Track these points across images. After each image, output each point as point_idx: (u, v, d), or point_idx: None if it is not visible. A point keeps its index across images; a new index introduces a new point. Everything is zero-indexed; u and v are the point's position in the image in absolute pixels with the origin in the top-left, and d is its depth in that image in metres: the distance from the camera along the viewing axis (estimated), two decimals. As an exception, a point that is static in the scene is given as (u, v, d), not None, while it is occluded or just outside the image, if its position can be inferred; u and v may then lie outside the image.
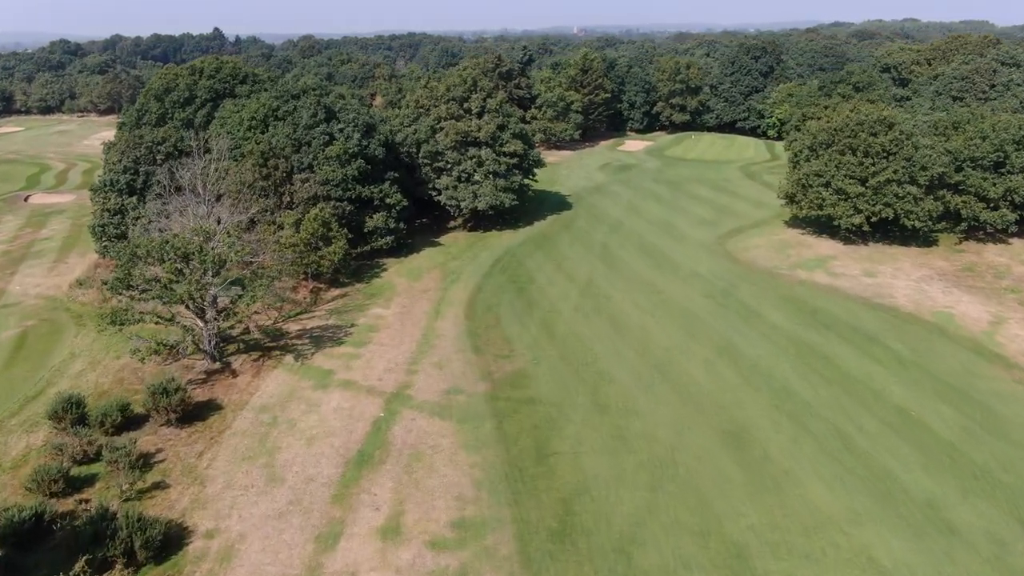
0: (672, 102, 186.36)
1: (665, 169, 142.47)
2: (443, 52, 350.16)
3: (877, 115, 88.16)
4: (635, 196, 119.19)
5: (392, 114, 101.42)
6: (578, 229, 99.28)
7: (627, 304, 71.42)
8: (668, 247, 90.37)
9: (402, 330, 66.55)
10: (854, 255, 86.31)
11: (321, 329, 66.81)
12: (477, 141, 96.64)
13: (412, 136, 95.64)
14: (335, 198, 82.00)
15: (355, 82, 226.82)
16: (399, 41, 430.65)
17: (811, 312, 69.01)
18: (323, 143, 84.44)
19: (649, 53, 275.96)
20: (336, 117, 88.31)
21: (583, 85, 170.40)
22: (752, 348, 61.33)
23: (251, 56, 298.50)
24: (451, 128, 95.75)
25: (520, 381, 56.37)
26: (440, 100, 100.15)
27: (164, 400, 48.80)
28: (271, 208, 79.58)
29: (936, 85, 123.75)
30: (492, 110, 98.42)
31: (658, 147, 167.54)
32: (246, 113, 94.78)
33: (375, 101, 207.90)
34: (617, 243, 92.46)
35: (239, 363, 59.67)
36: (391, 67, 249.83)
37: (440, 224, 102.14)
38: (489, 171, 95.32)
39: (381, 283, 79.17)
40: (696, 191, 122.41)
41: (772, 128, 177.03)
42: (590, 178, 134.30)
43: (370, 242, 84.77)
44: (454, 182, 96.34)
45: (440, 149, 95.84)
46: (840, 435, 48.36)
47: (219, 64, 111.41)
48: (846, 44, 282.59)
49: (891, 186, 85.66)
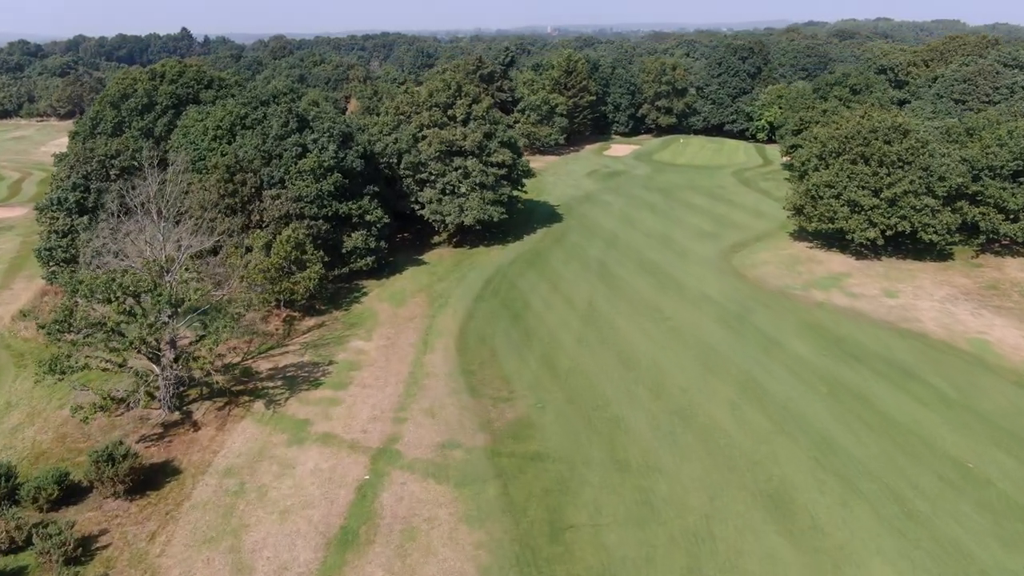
0: (658, 104, 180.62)
1: (655, 175, 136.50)
2: (418, 52, 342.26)
3: (891, 121, 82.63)
4: (628, 205, 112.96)
5: (370, 122, 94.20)
6: (571, 244, 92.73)
7: (634, 333, 64.97)
8: (670, 264, 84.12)
9: (387, 367, 59.50)
10: (869, 272, 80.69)
11: (296, 367, 59.54)
12: (463, 151, 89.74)
13: (393, 146, 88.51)
14: (309, 216, 74.67)
15: (329, 84, 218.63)
16: (372, 41, 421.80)
17: (836, 341, 63.05)
18: (295, 155, 77.06)
19: (629, 53, 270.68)
20: (310, 126, 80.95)
21: (567, 87, 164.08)
22: (779, 386, 55.13)
23: (220, 57, 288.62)
24: (435, 137, 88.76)
25: (524, 431, 49.63)
26: (422, 107, 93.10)
27: (109, 470, 41.40)
28: (238, 228, 72.11)
29: (937, 87, 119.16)
30: (478, 117, 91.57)
31: (646, 151, 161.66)
32: (211, 121, 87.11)
33: (350, 104, 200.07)
34: (615, 260, 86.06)
35: (201, 412, 52.28)
36: (366, 68, 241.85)
37: (423, 239, 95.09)
38: (476, 183, 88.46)
39: (362, 310, 72.00)
40: (691, 199, 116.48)
41: (761, 131, 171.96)
42: (578, 186, 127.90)
43: (349, 263, 77.54)
44: (438, 195, 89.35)
45: (423, 160, 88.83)
46: (895, 497, 42.23)
47: (182, 68, 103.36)
48: (828, 44, 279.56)
49: (908, 198, 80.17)
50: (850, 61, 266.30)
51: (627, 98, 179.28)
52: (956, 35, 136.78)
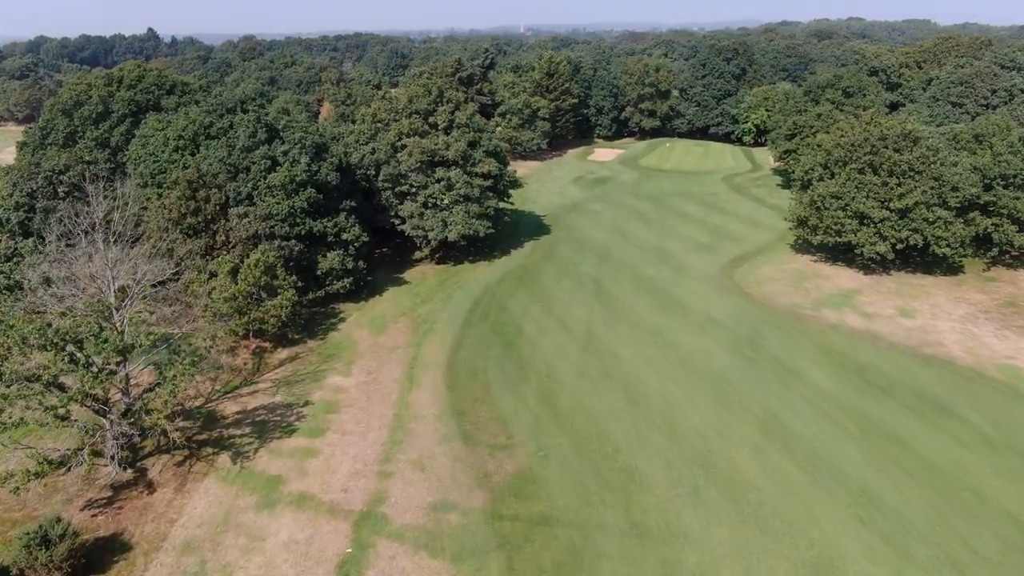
0: (641, 107, 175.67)
1: (643, 182, 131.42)
2: (392, 53, 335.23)
3: (900, 128, 78.09)
4: (617, 215, 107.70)
5: (345, 130, 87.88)
6: (562, 259, 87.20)
7: (639, 364, 59.53)
8: (669, 281, 78.89)
9: (369, 408, 53.47)
10: (880, 288, 76.09)
11: (267, 410, 53.30)
12: (445, 161, 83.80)
13: (370, 156, 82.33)
14: (280, 236, 68.35)
15: (300, 87, 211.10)
16: (345, 42, 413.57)
17: (858, 369, 58.11)
18: (264, 169, 70.68)
19: (607, 54, 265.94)
20: (280, 136, 74.59)
21: (549, 90, 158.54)
22: (804, 425, 49.99)
23: (187, 59, 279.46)
24: (415, 146, 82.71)
25: (527, 487, 43.94)
26: (401, 114, 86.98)
27: (43, 555, 35.05)
28: (201, 251, 65.60)
29: (932, 90, 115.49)
30: (461, 124, 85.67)
31: (631, 156, 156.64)
32: (172, 131, 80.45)
33: (323, 108, 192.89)
34: (610, 277, 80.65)
35: (158, 469, 45.93)
36: (338, 69, 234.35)
37: (404, 255, 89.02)
38: (460, 195, 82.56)
39: (339, 338, 65.83)
40: (683, 208, 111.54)
41: (748, 134, 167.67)
42: (564, 193, 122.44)
43: (324, 286, 71.32)
44: (420, 208, 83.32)
45: (403, 171, 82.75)
46: (954, 565, 37.20)
47: (141, 72, 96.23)
48: (807, 44, 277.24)
49: (919, 209, 75.73)
50: (830, 61, 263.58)
51: (610, 101, 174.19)
52: (949, 36, 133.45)
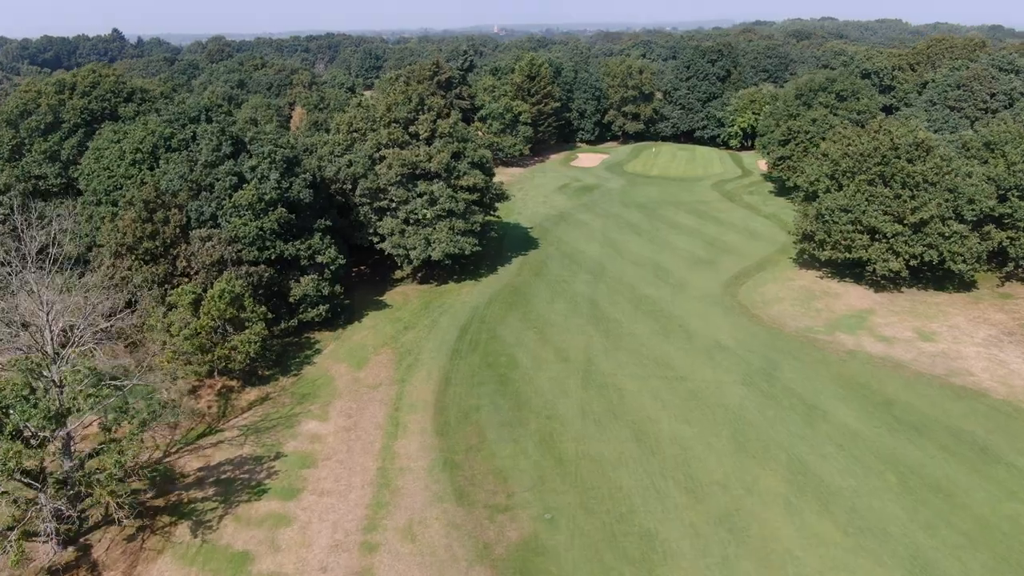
0: (624, 110, 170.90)
1: (631, 189, 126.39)
2: (366, 54, 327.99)
3: (913, 137, 73.60)
4: (608, 226, 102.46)
5: (319, 140, 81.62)
6: (553, 276, 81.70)
7: (646, 399, 54.18)
8: (670, 301, 73.71)
9: (349, 461, 47.53)
10: (894, 307, 71.53)
11: (233, 465, 47.16)
12: (428, 174, 77.94)
13: (346, 170, 76.20)
14: (248, 261, 62.08)
15: (271, 90, 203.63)
16: (317, 42, 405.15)
17: (885, 404, 53.24)
18: (230, 186, 64.33)
19: (584, 54, 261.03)
20: (247, 150, 68.24)
21: (530, 93, 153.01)
22: (838, 475, 44.91)
23: (152, 61, 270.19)
24: (395, 158, 76.70)
25: (534, 561, 38.31)
26: (379, 123, 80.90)
27: None
28: (160, 279, 59.19)
29: (929, 93, 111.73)
30: (444, 134, 79.80)
31: (615, 161, 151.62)
32: (129, 143, 73.77)
33: (295, 113, 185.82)
34: (606, 297, 75.31)
35: (105, 546, 39.65)
36: (311, 72, 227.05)
37: (384, 274, 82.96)
38: (444, 210, 76.75)
39: (315, 374, 59.71)
40: (675, 218, 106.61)
41: (734, 138, 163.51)
42: (550, 203, 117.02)
43: (298, 314, 65.17)
44: (401, 225, 77.34)
45: (382, 185, 76.71)
46: (1034, 654, 32.23)
47: (96, 78, 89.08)
48: (786, 44, 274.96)
49: (934, 223, 71.31)
50: (811, 62, 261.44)
51: (592, 104, 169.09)
52: (942, 36, 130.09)
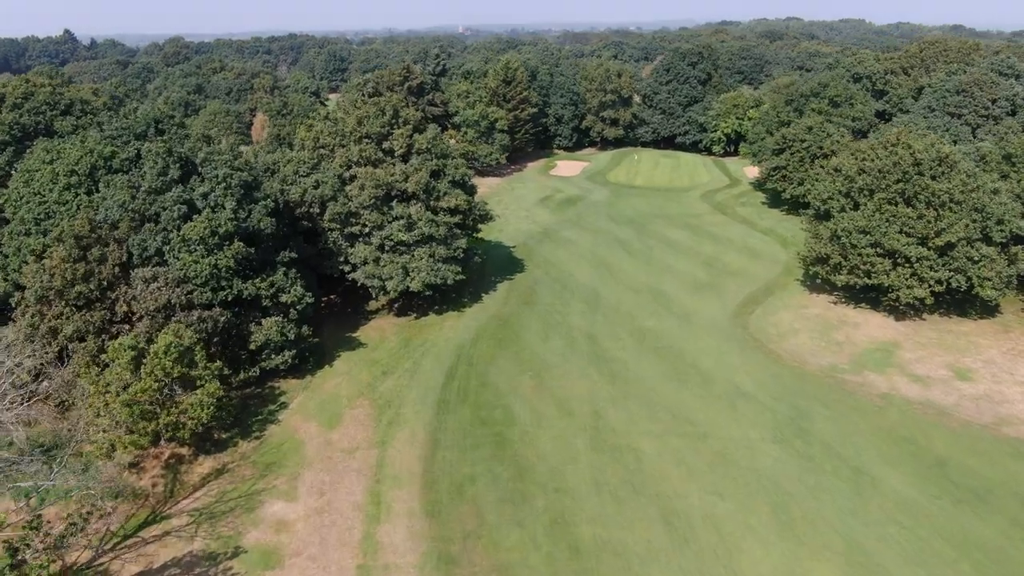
0: (603, 115, 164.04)
1: (616, 201, 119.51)
2: (330, 56, 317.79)
3: (936, 152, 67.53)
4: (597, 244, 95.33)
5: (282, 158, 73.15)
6: (545, 306, 74.25)
7: (669, 466, 46.94)
8: (676, 335, 66.73)
9: (323, 557, 39.55)
10: (919, 338, 65.36)
11: (181, 568, 38.89)
12: (404, 195, 70.00)
13: (313, 191, 67.93)
14: (201, 305, 53.65)
15: (231, 95, 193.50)
16: (279, 43, 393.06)
17: (938, 465, 46.69)
18: (179, 216, 55.79)
19: (555, 55, 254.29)
20: (199, 173, 59.75)
21: (506, 99, 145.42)
22: (907, 567, 38.06)
23: (105, 64, 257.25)
24: (367, 178, 68.60)
25: None
26: (350, 138, 72.65)
27: None
28: (95, 328, 50.57)
29: (927, 99, 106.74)
30: (422, 150, 71.87)
31: (596, 169, 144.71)
32: (63, 164, 64.89)
33: (256, 119, 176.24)
34: (606, 330, 68.07)
35: None
36: (272, 75, 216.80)
37: (357, 304, 74.87)
38: (424, 235, 68.88)
39: (280, 436, 51.50)
40: (668, 234, 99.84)
41: (718, 144, 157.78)
42: (532, 217, 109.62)
43: (260, 362, 56.85)
44: (375, 252, 69.28)
45: (354, 208, 68.59)
46: None
47: (29, 88, 79.51)
48: (759, 46, 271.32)
49: (962, 246, 65.34)
50: (786, 64, 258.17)
51: (570, 109, 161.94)
52: (935, 39, 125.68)
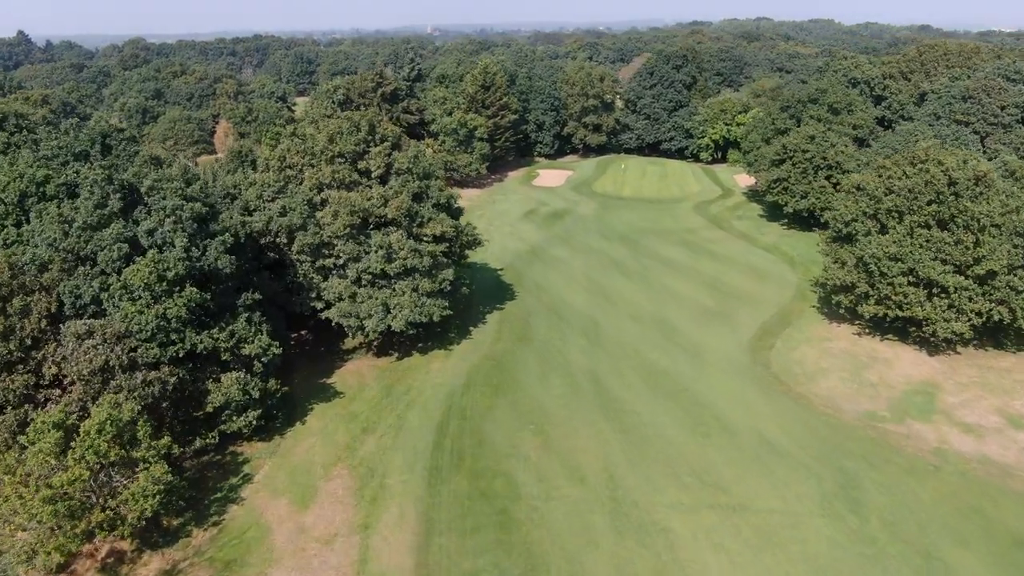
0: (585, 121, 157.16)
1: (605, 214, 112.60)
2: (297, 59, 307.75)
3: (973, 170, 61.32)
4: (590, 265, 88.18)
5: (243, 180, 64.88)
6: (541, 341, 66.86)
7: (706, 551, 39.72)
8: (691, 376, 59.70)
9: None
10: (958, 377, 59.04)
11: None
12: (383, 221, 62.16)
13: (279, 220, 59.82)
14: (146, 364, 45.38)
15: (192, 101, 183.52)
16: (244, 45, 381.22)
17: (1017, 544, 40.11)
18: (120, 257, 47.47)
19: (529, 57, 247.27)
20: (144, 202, 51.42)
21: (485, 105, 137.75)
22: None
23: (59, 67, 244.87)
24: (341, 203, 60.62)
25: None
26: (320, 157, 64.53)
27: None
28: (16, 398, 42.12)
29: (932, 106, 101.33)
30: (402, 170, 64.06)
31: (582, 179, 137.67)
32: (-13, 192, 56.00)
33: (219, 128, 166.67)
34: (610, 370, 60.85)
35: None
36: (236, 79, 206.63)
37: (331, 342, 66.87)
38: (406, 267, 61.09)
39: (243, 521, 43.42)
40: (664, 252, 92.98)
41: (705, 150, 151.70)
42: (518, 234, 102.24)
43: (219, 425, 48.73)
44: (351, 287, 61.35)
45: (326, 238, 60.59)
46: None
47: (-46, 101, 70.16)
48: (737, 47, 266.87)
49: (1003, 274, 59.22)
50: (764, 65, 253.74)
51: (551, 115, 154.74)
52: (934, 42, 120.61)
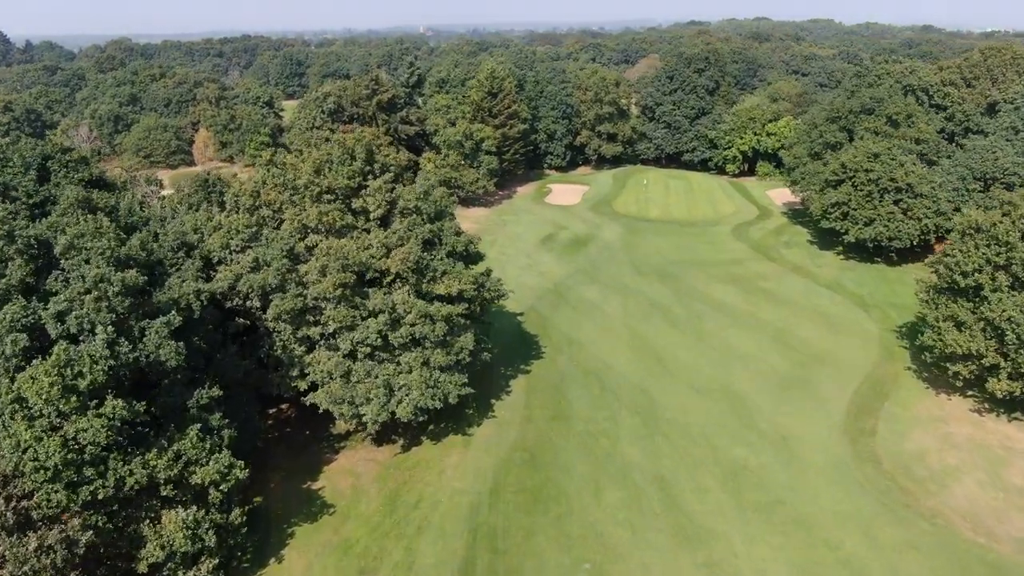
0: (599, 130, 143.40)
1: (634, 241, 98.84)
2: (286, 60, 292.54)
3: None
4: (628, 311, 74.38)
5: (204, 223, 50.80)
6: (583, 424, 53.01)
7: None
8: (784, 481, 45.97)
9: None
10: None
11: None
12: (383, 276, 48.22)
13: (250, 277, 45.85)
14: (45, 520, 31.27)
15: (169, 107, 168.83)
16: (232, 45, 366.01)
17: None
18: (16, 353, 33.37)
19: (529, 59, 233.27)
20: (60, 267, 37.36)
21: (493, 114, 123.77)
22: None
23: (29, 71, 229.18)
24: (332, 255, 46.50)
25: None
26: (304, 193, 50.40)
27: None
28: None
29: (1009, 118, 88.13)
30: (409, 210, 50.13)
31: (599, 196, 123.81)
32: None
33: (198, 137, 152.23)
34: (681, 472, 47.09)
35: None
36: (219, 83, 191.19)
37: (317, 426, 52.82)
38: (415, 336, 47.20)
39: None
40: (713, 293, 79.18)
41: (732, 162, 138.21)
42: (536, 266, 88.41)
43: (157, 587, 34.76)
44: (344, 362, 47.37)
45: (311, 301, 46.59)
46: None
47: None
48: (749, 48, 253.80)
49: None
50: (780, 67, 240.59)
51: (563, 124, 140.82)
52: (1000, 44, 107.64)
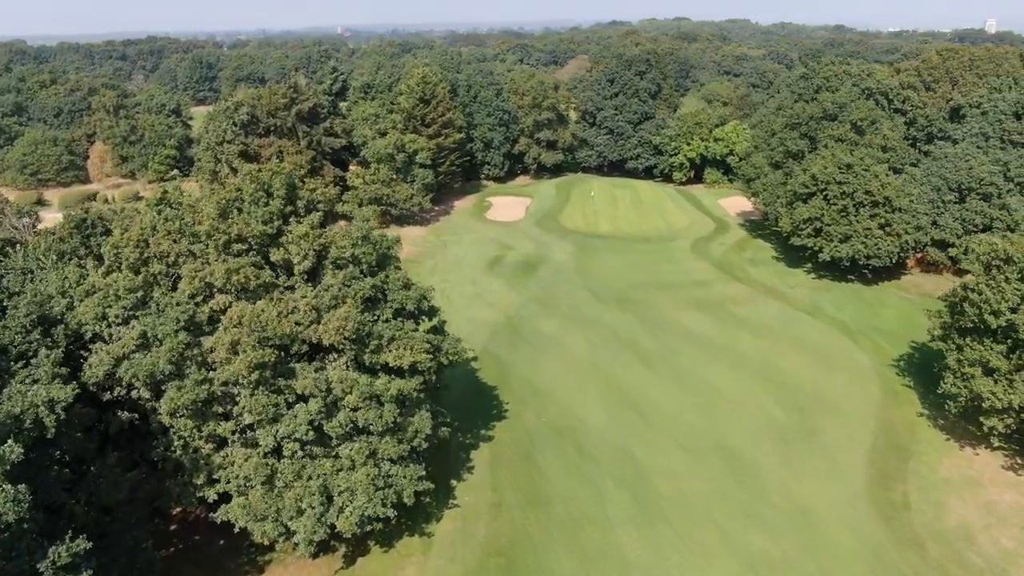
0: (539, 137, 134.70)
1: (588, 261, 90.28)
2: (195, 62, 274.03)
3: None
4: (594, 348, 65.65)
5: (74, 286, 39.28)
6: (564, 505, 43.73)
7: None
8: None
9: None
10: None
11: None
12: (315, 349, 37.73)
13: (136, 362, 34.73)
14: None
15: (60, 118, 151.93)
16: (136, 47, 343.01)
17: None
18: None
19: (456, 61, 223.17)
20: None
21: (426, 123, 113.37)
22: None
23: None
24: (243, 326, 35.74)
25: None
26: (208, 241, 39.33)
27: None
28: None
29: (978, 123, 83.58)
30: (342, 260, 39.71)
31: (544, 210, 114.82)
32: None
33: (93, 152, 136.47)
34: (690, 570, 38.43)
35: None
36: (119, 89, 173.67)
37: (233, 533, 41.80)
38: (357, 424, 36.91)
39: None
40: (683, 321, 71.26)
41: (679, 170, 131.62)
42: (484, 295, 78.81)
43: None
44: (266, 463, 36.69)
45: (219, 388, 35.72)
46: None
47: None
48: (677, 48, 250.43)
49: None
50: (711, 68, 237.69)
51: (500, 131, 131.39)
52: (955, 47, 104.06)
